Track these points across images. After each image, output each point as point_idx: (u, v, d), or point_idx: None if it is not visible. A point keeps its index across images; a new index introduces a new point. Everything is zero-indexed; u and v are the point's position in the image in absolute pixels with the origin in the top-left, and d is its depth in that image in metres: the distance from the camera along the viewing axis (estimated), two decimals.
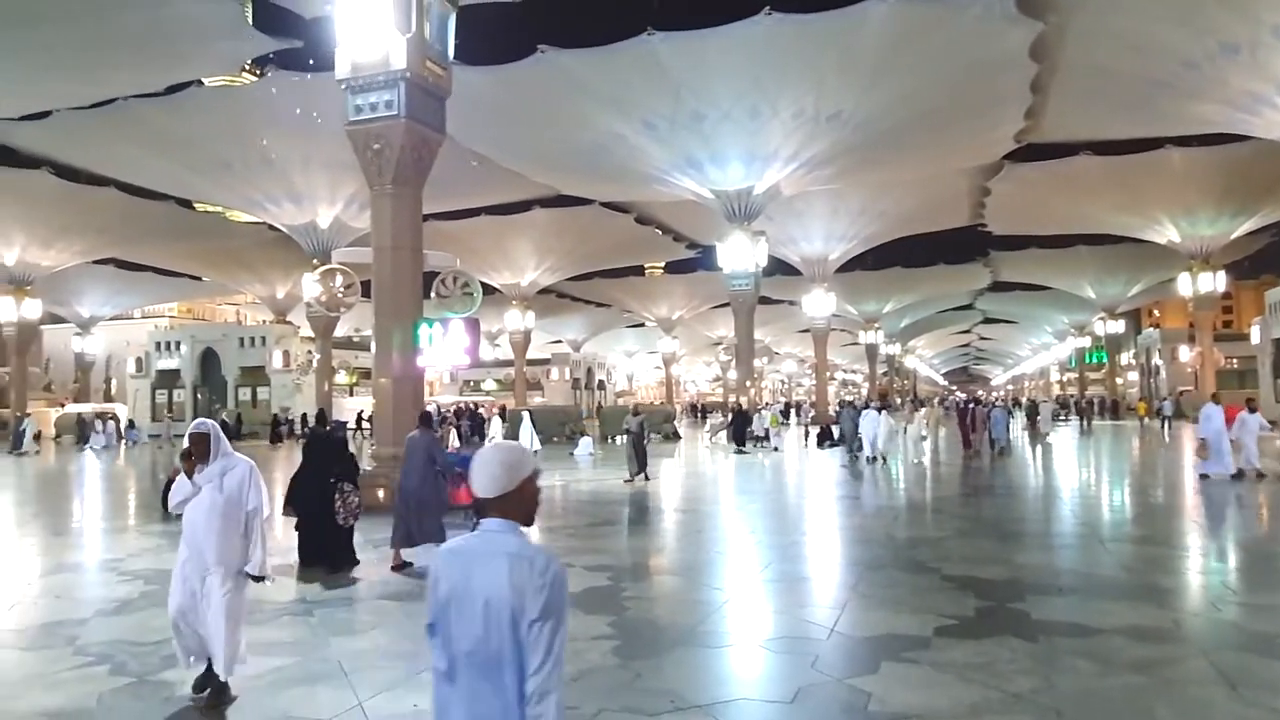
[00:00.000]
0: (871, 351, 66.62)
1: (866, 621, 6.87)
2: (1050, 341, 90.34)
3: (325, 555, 9.38)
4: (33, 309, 43.38)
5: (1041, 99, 26.60)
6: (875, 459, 21.64)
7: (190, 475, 5.15)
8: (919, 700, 5.12)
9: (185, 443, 5.21)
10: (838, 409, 34.24)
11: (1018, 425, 33.24)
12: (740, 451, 27.28)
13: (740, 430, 28.66)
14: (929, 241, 49.26)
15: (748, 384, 38.18)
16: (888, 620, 6.87)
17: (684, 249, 51.31)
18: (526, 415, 27.26)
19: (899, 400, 53.46)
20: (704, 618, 7.27)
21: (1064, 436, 34.47)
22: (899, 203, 39.62)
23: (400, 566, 9.36)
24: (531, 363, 60.61)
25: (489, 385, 69.64)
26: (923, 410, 29.02)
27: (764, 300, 43.78)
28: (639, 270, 63.60)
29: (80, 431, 40.23)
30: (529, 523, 2.46)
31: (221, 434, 5.26)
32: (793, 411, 45.57)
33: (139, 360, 50.20)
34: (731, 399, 46.98)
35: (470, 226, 42.16)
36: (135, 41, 23.19)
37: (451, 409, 41.39)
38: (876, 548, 10.49)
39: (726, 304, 41.82)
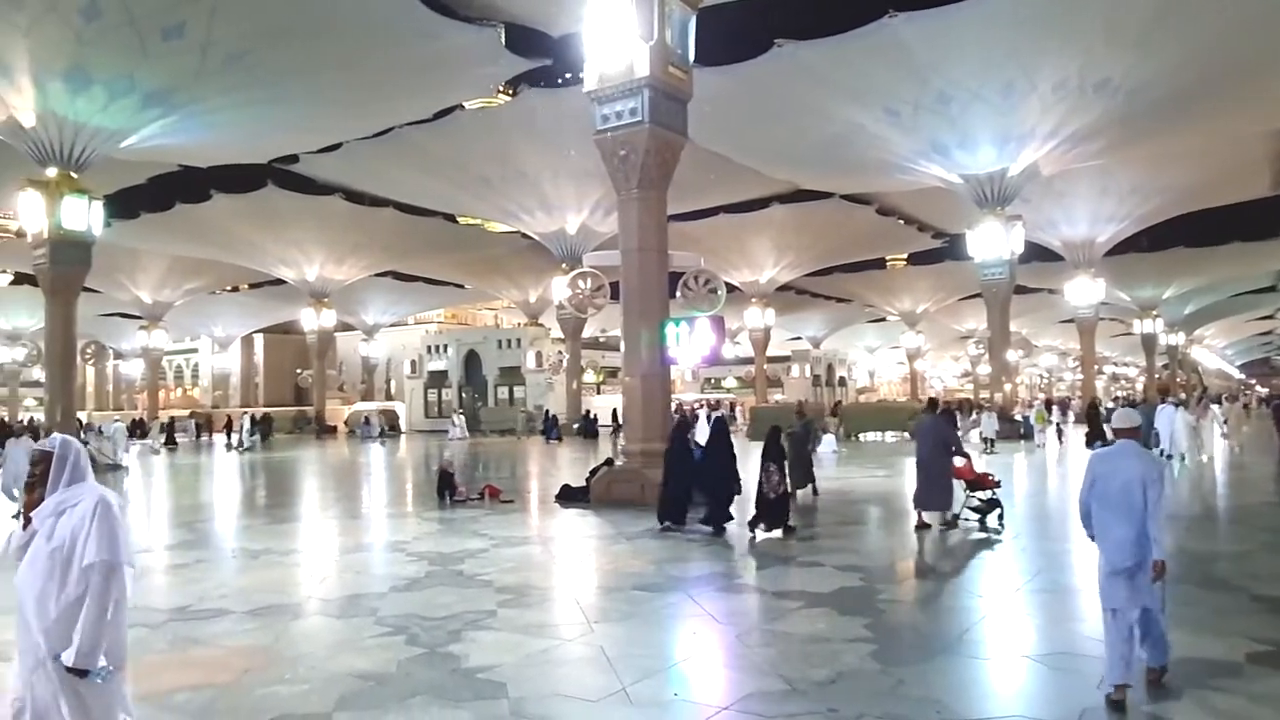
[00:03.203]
0: (1148, 342, 60.03)
1: None
2: None
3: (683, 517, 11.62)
4: (329, 318, 49.63)
5: None
6: (1172, 458, 19.82)
7: (29, 513, 3.55)
8: None
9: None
10: (1126, 404, 31.29)
11: None
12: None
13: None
14: (1219, 217, 43.49)
15: (1003, 379, 35.70)
16: (1187, 642, 6.12)
17: (929, 239, 49.03)
18: (701, 414, 27.49)
19: (1184, 395, 47.79)
20: (967, 626, 6.87)
21: None
22: (1181, 176, 35.42)
23: (921, 526, 11.10)
24: (771, 360, 60.37)
25: (730, 383, 70.21)
26: (1220, 405, 25.81)
27: (1020, 289, 40.77)
28: (880, 263, 61.33)
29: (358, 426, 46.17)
30: (1142, 443, 5.26)
31: (76, 456, 3.53)
32: (1055, 408, 41.86)
33: (413, 362, 55.39)
34: (983, 395, 44.12)
35: (709, 226, 42.74)
36: (410, 74, 25.71)
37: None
38: (1169, 560, 9.40)
39: (977, 295, 39.44)
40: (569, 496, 15.04)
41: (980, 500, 11.50)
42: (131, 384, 74.80)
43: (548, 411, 40.30)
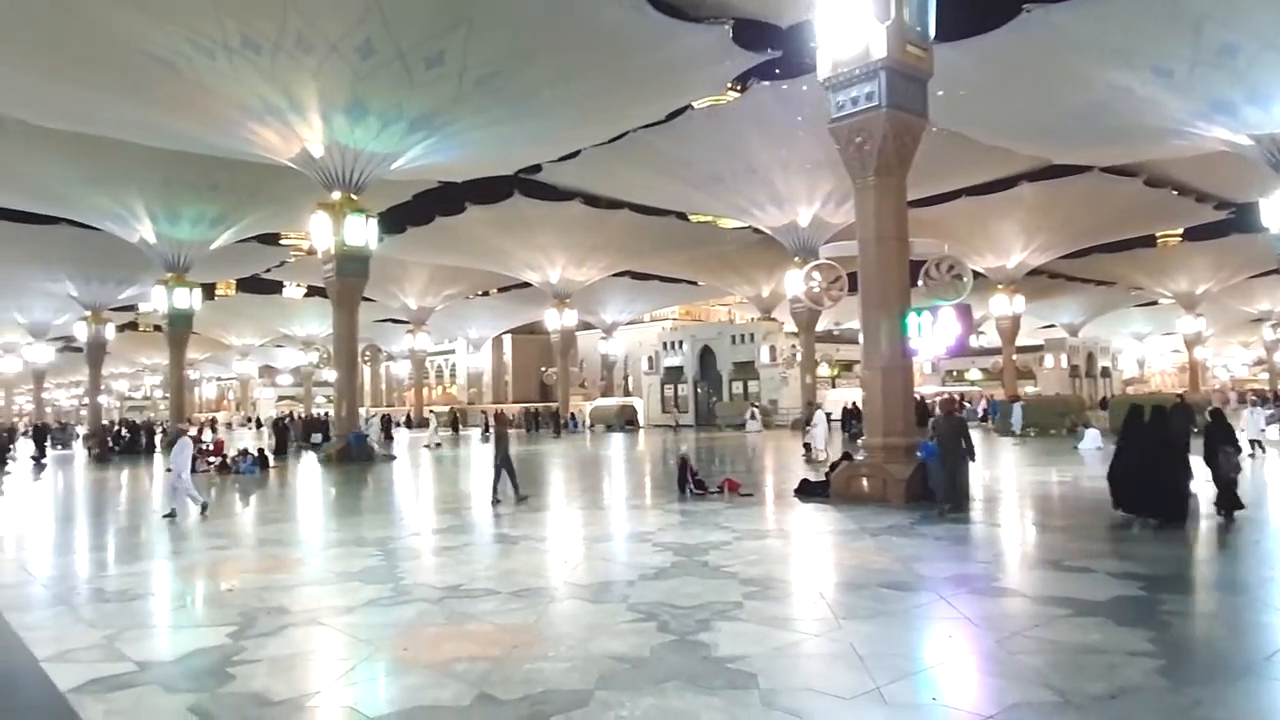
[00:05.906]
0: None
1: None
2: None
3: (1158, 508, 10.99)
4: (571, 318, 52.36)
5: None
6: None
7: None
8: None
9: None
10: None
11: None
12: None
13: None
14: None
15: None
16: None
17: (1210, 210, 43.61)
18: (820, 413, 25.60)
19: None
20: (1276, 646, 6.06)
21: None
22: None
23: None
24: (1021, 350, 56.41)
25: (974, 375, 66.37)
26: None
27: None
28: (1149, 241, 55.32)
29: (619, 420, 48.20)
30: None
31: None
32: None
33: (650, 359, 57.00)
34: None
35: (948, 211, 40.58)
36: (643, 79, 26.47)
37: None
38: None
39: (1274, 271, 34.69)
40: (808, 491, 14.86)
41: None
42: (400, 382, 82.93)
43: (849, 404, 39.84)
